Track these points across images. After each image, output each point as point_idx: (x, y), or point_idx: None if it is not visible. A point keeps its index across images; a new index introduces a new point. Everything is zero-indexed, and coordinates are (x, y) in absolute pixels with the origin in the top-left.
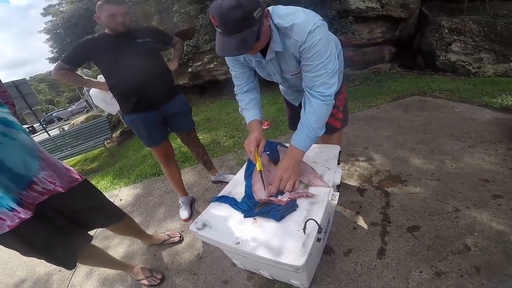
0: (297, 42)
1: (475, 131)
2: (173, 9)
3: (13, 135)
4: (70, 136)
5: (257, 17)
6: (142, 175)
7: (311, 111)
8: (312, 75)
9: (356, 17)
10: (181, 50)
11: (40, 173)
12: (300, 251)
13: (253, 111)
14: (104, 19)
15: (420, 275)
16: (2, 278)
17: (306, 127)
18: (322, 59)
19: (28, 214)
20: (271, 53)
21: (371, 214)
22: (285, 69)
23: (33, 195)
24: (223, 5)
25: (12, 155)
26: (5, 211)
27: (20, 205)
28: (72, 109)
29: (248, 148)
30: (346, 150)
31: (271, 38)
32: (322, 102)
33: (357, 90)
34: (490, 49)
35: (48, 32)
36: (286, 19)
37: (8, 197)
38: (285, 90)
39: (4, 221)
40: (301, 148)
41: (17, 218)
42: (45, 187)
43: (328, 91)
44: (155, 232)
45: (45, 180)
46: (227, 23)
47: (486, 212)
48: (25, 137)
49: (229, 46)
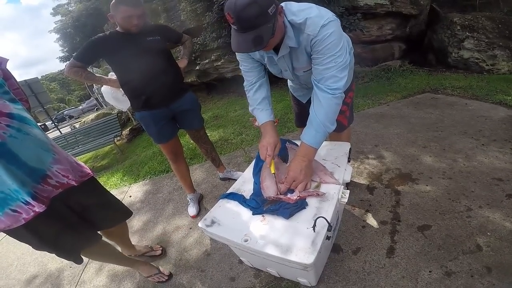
0: (309, 36)
1: (489, 129)
2: (180, 7)
3: (27, 130)
4: (81, 134)
5: (271, 14)
6: (151, 172)
7: (319, 106)
8: (322, 68)
9: (365, 14)
10: (191, 47)
11: (54, 167)
12: (309, 249)
13: (266, 112)
14: (120, 19)
15: (429, 275)
16: (14, 274)
17: (315, 122)
18: (333, 52)
19: (41, 208)
20: (285, 49)
21: (381, 212)
22: (296, 66)
23: (48, 188)
24: (238, 2)
25: (26, 150)
26: (20, 205)
27: (35, 198)
28: (83, 107)
29: (264, 152)
30: (355, 147)
31: (285, 34)
32: (330, 95)
33: (366, 87)
34: (504, 46)
35: (58, 31)
36: (300, 15)
37: (23, 191)
38: (294, 86)
39: (20, 214)
40: (311, 145)
41: (31, 211)
42: (58, 180)
43: (336, 84)
44: (164, 229)
45: (59, 173)
46: (242, 20)
47: (499, 211)
48: (39, 132)
49: (245, 43)
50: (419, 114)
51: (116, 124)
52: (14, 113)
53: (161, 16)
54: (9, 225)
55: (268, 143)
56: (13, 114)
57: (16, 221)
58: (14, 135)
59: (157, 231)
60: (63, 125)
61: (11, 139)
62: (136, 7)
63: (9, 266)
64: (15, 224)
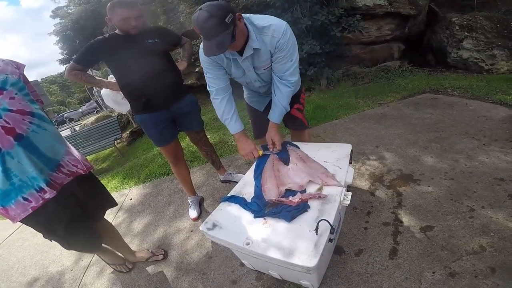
0: (274, 38)
1: (490, 129)
2: (179, 9)
3: (45, 126)
4: (81, 137)
5: (229, 22)
6: (152, 174)
7: (281, 95)
8: (282, 66)
9: (364, 15)
10: (190, 50)
11: (66, 157)
12: (312, 252)
13: (239, 122)
14: (117, 22)
15: (433, 276)
16: (15, 277)
17: (279, 108)
18: (291, 51)
19: (52, 194)
20: (249, 50)
21: (383, 214)
22: (258, 65)
23: (61, 176)
24: (199, 17)
25: (45, 142)
26: (33, 192)
27: (49, 185)
28: (83, 110)
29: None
30: (356, 149)
31: (249, 37)
32: (289, 88)
33: (366, 88)
34: (503, 45)
35: (58, 34)
36: (263, 20)
37: (40, 178)
38: (250, 95)
39: (30, 202)
40: (277, 122)
41: (41, 199)
42: (69, 169)
43: (293, 78)
44: (165, 231)
45: (69, 163)
46: (205, 31)
47: (502, 212)
48: (53, 128)
49: (210, 48)
50: (420, 115)
51: (117, 127)
52: (34, 112)
53: (160, 18)
54: (18, 213)
55: (250, 149)
56: (34, 113)
57: (24, 210)
58: (36, 130)
59: (158, 234)
60: (63, 127)
61: (33, 134)
62: (132, 8)
63: (10, 269)
64: (23, 213)
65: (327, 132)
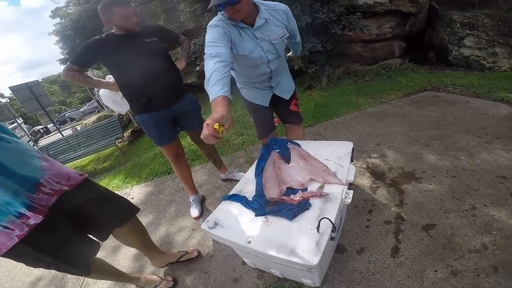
0: (284, 11)
1: (492, 127)
2: (179, 8)
3: (7, 138)
4: (83, 136)
5: None
6: (153, 173)
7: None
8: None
9: (364, 12)
10: (189, 48)
11: (46, 173)
12: (314, 250)
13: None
14: (118, 21)
15: (435, 274)
16: (19, 277)
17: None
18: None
19: (38, 219)
20: (260, 20)
21: (385, 212)
22: (272, 36)
23: (43, 197)
24: None
25: (12, 158)
26: (13, 219)
27: (31, 209)
28: (84, 109)
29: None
30: (358, 146)
31: (259, 11)
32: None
33: (367, 85)
34: (505, 43)
35: (58, 34)
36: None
37: (17, 202)
38: (251, 91)
39: (13, 230)
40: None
41: (25, 226)
42: (52, 187)
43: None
44: (166, 230)
45: (52, 180)
46: None
47: (504, 210)
48: (18, 140)
49: None
50: (421, 112)
51: (118, 126)
52: None
53: (160, 17)
54: (3, 242)
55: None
56: None
57: (9, 238)
58: None
59: (160, 232)
60: (65, 127)
61: None
62: (129, 6)
63: (14, 269)
64: (9, 242)
65: (328, 130)
